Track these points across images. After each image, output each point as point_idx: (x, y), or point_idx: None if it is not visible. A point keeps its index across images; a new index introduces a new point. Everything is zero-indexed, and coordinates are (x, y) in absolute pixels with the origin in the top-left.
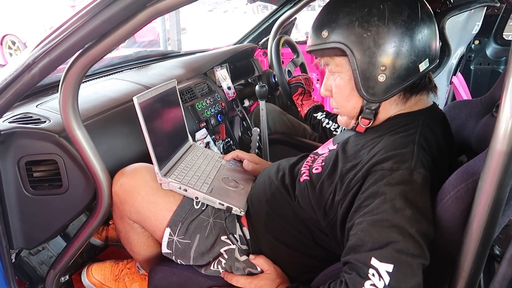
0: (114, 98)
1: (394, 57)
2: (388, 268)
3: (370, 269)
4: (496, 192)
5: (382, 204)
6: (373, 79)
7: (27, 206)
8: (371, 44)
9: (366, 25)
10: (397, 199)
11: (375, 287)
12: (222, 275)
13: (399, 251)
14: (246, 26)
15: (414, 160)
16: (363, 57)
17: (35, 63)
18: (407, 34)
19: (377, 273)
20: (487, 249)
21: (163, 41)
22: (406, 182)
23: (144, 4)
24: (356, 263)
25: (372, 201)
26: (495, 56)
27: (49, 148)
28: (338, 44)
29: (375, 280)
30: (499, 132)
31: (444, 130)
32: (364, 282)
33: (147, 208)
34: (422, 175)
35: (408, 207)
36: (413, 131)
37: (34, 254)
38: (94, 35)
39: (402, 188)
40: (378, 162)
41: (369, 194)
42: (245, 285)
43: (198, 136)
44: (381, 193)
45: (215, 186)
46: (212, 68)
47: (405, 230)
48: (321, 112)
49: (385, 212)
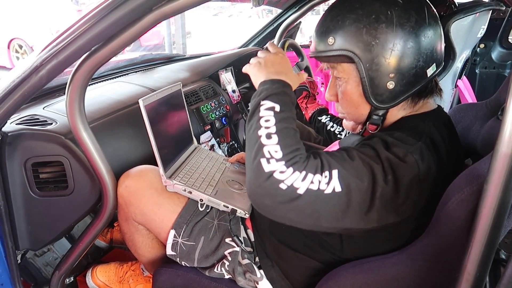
0: (120, 101)
1: (403, 64)
2: (337, 188)
3: (327, 172)
4: (501, 195)
5: (375, 157)
6: (382, 86)
7: (33, 208)
8: (380, 51)
9: (374, 32)
10: (385, 162)
11: (318, 183)
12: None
13: (356, 189)
14: (251, 30)
15: (414, 147)
16: (372, 65)
17: (42, 65)
18: (416, 41)
19: (328, 180)
20: (493, 252)
21: (168, 44)
22: (398, 157)
23: (151, 7)
24: (324, 160)
25: (370, 150)
26: (501, 60)
27: (55, 149)
28: (346, 52)
29: (322, 180)
30: (504, 135)
31: (449, 133)
32: (317, 173)
33: (152, 210)
34: (414, 160)
35: (390, 174)
36: (420, 132)
37: (39, 256)
38: (101, 38)
39: (393, 159)
40: (383, 136)
41: (368, 145)
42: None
43: (202, 138)
44: (376, 149)
45: (219, 188)
46: (217, 72)
47: (375, 185)
48: (325, 115)
49: (374, 162)
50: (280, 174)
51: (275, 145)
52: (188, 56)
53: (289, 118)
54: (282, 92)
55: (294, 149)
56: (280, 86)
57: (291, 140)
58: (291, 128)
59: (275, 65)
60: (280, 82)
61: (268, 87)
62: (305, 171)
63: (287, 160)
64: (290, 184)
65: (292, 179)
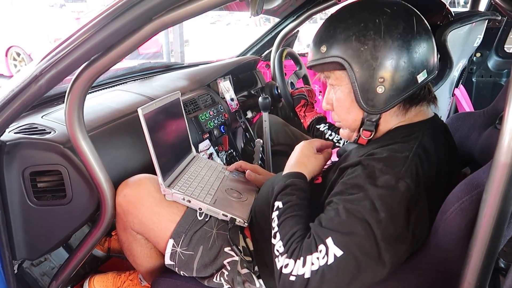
0: (119, 109)
1: (392, 68)
2: (337, 253)
3: (321, 245)
4: (500, 204)
5: (363, 200)
6: (372, 91)
7: (30, 217)
8: (368, 57)
9: (363, 39)
10: (376, 200)
11: (317, 261)
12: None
13: (356, 243)
14: (249, 38)
15: (405, 168)
16: (361, 70)
17: (42, 74)
18: (404, 46)
19: (325, 251)
20: (493, 262)
21: (166, 53)
22: (390, 187)
23: (151, 17)
24: (315, 234)
25: (356, 192)
26: (497, 69)
27: (53, 158)
28: (337, 58)
29: (320, 256)
30: (503, 144)
31: (445, 141)
32: (313, 252)
33: (150, 219)
34: (407, 185)
35: (383, 211)
36: (413, 142)
37: (36, 265)
38: (101, 47)
39: (384, 192)
40: (372, 159)
41: (354, 184)
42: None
43: (201, 147)
44: (365, 189)
45: (218, 197)
46: (215, 80)
47: (371, 229)
48: (323, 124)
49: (363, 206)
50: (286, 269)
51: (278, 241)
52: (186, 64)
53: (289, 208)
54: (289, 184)
55: (290, 236)
56: (290, 179)
57: (288, 228)
58: (289, 216)
59: (295, 156)
60: (293, 175)
61: (280, 184)
62: (303, 256)
63: (286, 251)
64: (296, 274)
65: (296, 269)
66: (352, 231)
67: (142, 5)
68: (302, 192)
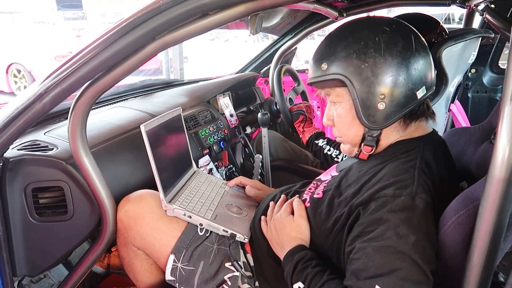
0: (120, 126)
1: (392, 85)
2: None
3: None
4: (496, 217)
5: (386, 231)
6: (373, 107)
7: (32, 233)
8: (369, 74)
9: (363, 56)
10: (400, 226)
11: None
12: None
13: (402, 278)
14: (247, 54)
15: (415, 186)
16: (362, 87)
17: (46, 92)
18: (403, 63)
19: None
20: (490, 274)
21: (166, 69)
22: (409, 208)
23: (154, 36)
24: None
25: (376, 227)
26: (492, 84)
27: (55, 175)
28: (338, 75)
29: None
30: (497, 158)
31: (444, 156)
32: None
33: (151, 234)
34: (424, 200)
35: (412, 234)
36: (414, 157)
37: (35, 282)
38: (105, 66)
39: (405, 215)
40: (381, 189)
41: (372, 221)
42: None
43: (201, 162)
44: (384, 220)
45: (219, 212)
46: (215, 96)
47: (409, 257)
48: (322, 139)
49: (389, 238)
50: None
51: None
52: (186, 81)
53: (313, 281)
54: (297, 261)
55: None
56: (294, 256)
57: None
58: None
59: (281, 237)
60: (294, 252)
61: (289, 267)
62: None
63: None
64: None
65: None
66: (393, 268)
67: (146, 26)
68: (313, 261)
